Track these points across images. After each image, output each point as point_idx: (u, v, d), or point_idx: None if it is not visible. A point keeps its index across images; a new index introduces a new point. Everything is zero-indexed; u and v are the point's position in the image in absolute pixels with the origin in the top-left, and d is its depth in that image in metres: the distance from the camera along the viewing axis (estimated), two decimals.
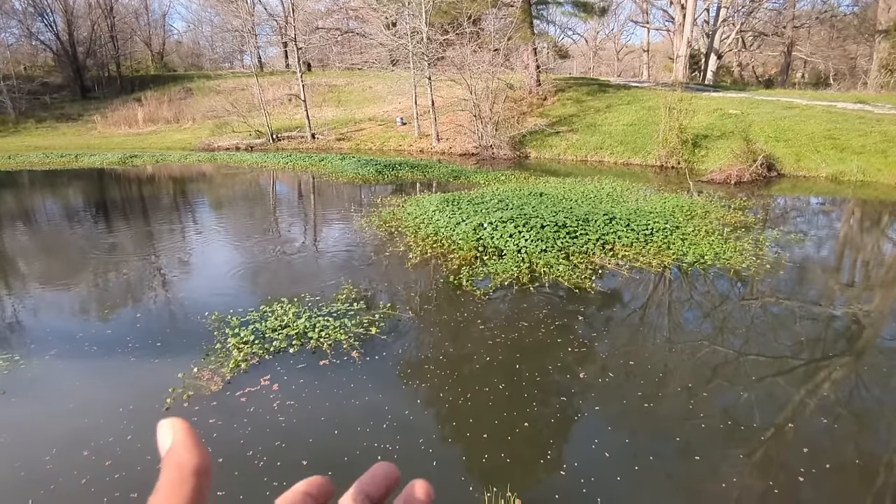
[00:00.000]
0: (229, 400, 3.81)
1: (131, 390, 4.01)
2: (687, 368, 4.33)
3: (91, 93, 35.15)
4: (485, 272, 6.27)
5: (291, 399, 3.82)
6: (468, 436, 3.48)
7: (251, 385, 3.98)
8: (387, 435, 3.43)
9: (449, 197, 9.42)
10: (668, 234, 7.39)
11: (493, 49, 19.61)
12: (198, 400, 3.81)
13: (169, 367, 4.27)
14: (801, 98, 19.66)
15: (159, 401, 3.79)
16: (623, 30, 48.71)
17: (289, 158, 18.01)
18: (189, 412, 3.66)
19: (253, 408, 3.71)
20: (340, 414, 3.67)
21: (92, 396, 3.97)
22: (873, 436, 3.49)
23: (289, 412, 3.67)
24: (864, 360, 4.60)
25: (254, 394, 3.88)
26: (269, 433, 3.44)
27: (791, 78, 34.60)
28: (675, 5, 28.89)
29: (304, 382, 4.04)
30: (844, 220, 10.09)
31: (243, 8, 26.31)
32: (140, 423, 3.56)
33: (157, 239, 8.62)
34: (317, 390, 3.95)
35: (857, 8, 31.80)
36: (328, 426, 3.54)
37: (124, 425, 3.54)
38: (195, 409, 3.70)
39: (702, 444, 3.36)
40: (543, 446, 3.34)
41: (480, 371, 4.24)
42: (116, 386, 4.12)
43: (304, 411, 3.69)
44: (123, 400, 3.84)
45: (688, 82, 23.98)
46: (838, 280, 6.76)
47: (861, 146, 13.88)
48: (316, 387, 4.00)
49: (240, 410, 3.69)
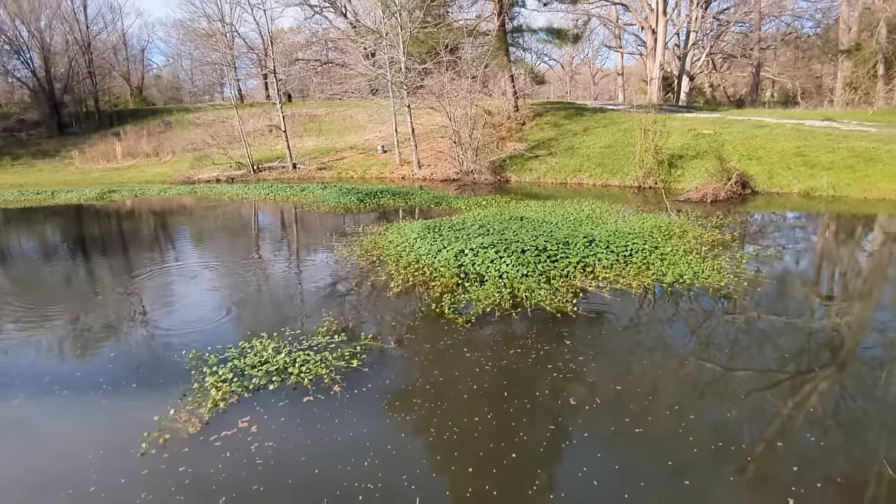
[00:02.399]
0: (206, 443, 3.70)
1: (104, 436, 3.88)
2: (673, 389, 4.32)
3: (69, 129, 34.90)
4: (467, 299, 6.25)
5: (271, 440, 3.72)
6: (453, 469, 3.41)
7: (229, 427, 3.88)
8: (369, 472, 3.35)
9: (430, 224, 9.44)
10: (647, 254, 7.47)
11: (470, 76, 19.97)
12: (175, 444, 3.69)
13: (144, 409, 4.15)
14: (770, 117, 20.26)
15: (134, 446, 3.67)
16: (597, 54, 50.06)
17: (270, 189, 17.97)
18: (164, 458, 3.54)
19: (229, 452, 3.60)
20: (321, 452, 3.58)
21: (61, 444, 3.83)
22: (861, 447, 3.51)
23: (267, 454, 3.57)
24: (847, 370, 4.67)
25: (231, 437, 3.78)
26: (246, 477, 3.34)
27: (761, 97, 35.71)
28: (646, 30, 29.81)
29: (284, 421, 3.95)
30: (819, 235, 10.31)
31: (222, 42, 26.56)
32: (112, 472, 3.44)
33: (134, 274, 8.46)
34: (298, 428, 3.87)
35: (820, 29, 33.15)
36: (308, 466, 3.45)
37: (95, 474, 3.41)
38: (172, 452, 3.59)
39: (692, 466, 3.34)
40: (531, 477, 3.29)
41: (466, 400, 4.19)
42: (88, 432, 3.98)
43: (284, 452, 3.59)
44: (95, 446, 3.71)
45: (662, 104, 24.60)
46: (817, 293, 6.88)
47: (830, 162, 14.28)
48: (297, 425, 3.91)
49: (216, 454, 3.58)
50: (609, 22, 36.60)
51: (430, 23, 22.14)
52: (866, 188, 13.06)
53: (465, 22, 23.99)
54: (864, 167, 13.77)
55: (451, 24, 23.41)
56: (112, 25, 41.01)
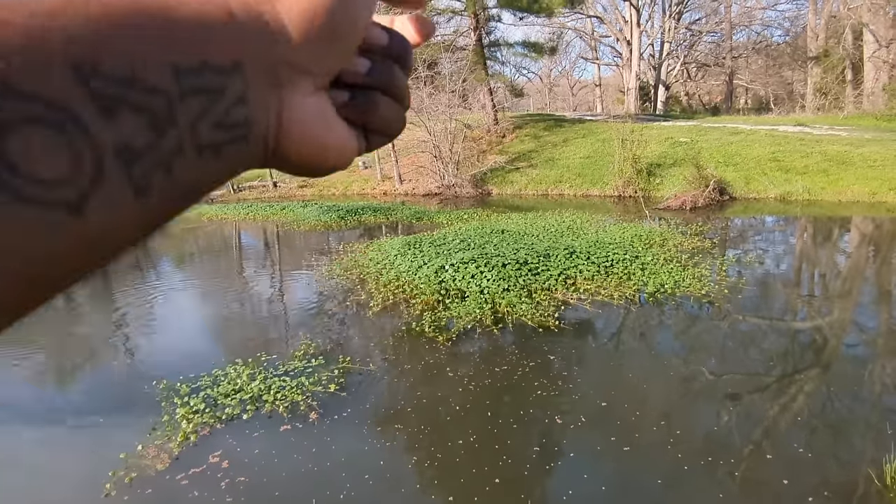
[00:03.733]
0: (174, 482, 3.54)
1: (66, 476, 3.69)
2: (659, 401, 4.26)
3: None
4: (447, 316, 6.15)
5: (243, 474, 3.56)
6: (434, 497, 3.29)
7: (199, 463, 3.71)
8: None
9: (410, 240, 9.35)
10: (628, 264, 7.45)
11: (449, 91, 20.06)
12: (141, 483, 3.52)
13: (111, 445, 3.96)
14: (745, 123, 20.64)
15: (98, 487, 3.49)
16: (575, 66, 50.88)
17: (250, 209, 17.76)
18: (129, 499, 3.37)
19: (197, 491, 3.44)
20: (296, 485, 3.44)
21: (17, 486, 3.63)
22: (848, 446, 3.48)
23: (239, 490, 3.41)
24: (832, 369, 4.69)
25: (200, 474, 3.61)
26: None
27: (735, 104, 36.46)
28: (621, 42, 30.35)
29: (258, 453, 3.79)
30: (797, 238, 10.42)
31: None
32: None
33: (103, 302, 8.23)
34: (273, 460, 3.72)
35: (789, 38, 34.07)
36: (283, 501, 3.30)
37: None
38: (137, 493, 3.42)
39: (683, 482, 3.26)
40: (515, 503, 3.18)
41: (449, 422, 4.08)
42: (49, 472, 3.79)
43: (257, 486, 3.44)
44: (56, 488, 3.52)
45: (639, 113, 24.97)
46: (799, 294, 6.92)
47: (804, 167, 14.53)
48: (272, 456, 3.76)
49: (184, 493, 3.42)
50: (585, 34, 37.22)
51: None
52: (840, 191, 13.29)
53: (442, 37, 24.19)
54: (838, 171, 14.02)
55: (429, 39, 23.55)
56: None
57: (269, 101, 0.25)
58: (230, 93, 0.23)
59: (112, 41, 0.19)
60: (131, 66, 0.20)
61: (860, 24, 23.86)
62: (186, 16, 0.21)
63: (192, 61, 0.21)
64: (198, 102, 0.21)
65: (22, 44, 0.17)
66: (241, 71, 0.23)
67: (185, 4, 0.22)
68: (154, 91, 0.20)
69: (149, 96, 0.20)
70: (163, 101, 0.20)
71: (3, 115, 0.17)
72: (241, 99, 0.23)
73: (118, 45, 0.19)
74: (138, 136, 0.20)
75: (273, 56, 0.24)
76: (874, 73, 23.10)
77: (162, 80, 0.20)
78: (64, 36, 0.18)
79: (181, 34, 0.21)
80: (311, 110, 0.26)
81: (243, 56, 0.23)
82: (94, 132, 0.19)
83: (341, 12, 0.25)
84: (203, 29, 0.22)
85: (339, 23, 0.25)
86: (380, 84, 0.30)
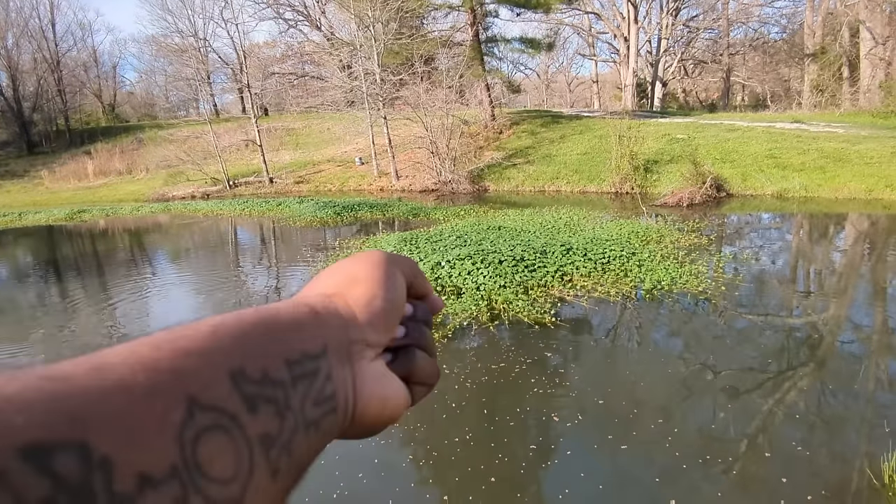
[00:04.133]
0: None
1: None
2: (656, 398, 4.23)
3: (38, 148, 34.16)
4: (444, 313, 6.12)
5: None
6: (428, 497, 3.27)
7: None
8: None
9: (407, 236, 9.31)
10: (624, 261, 7.43)
11: (446, 87, 19.98)
12: None
13: None
14: (742, 120, 20.63)
15: None
16: (572, 63, 50.72)
17: (246, 205, 17.69)
18: None
19: None
20: None
21: None
22: (846, 444, 3.49)
23: None
24: (828, 366, 4.70)
25: None
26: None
27: (732, 101, 36.47)
28: (618, 38, 30.29)
29: None
30: (794, 235, 10.43)
31: (196, 57, 26.27)
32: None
33: (97, 296, 8.18)
34: None
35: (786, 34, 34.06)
36: None
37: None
38: None
39: (681, 480, 3.24)
40: (511, 501, 3.16)
41: (444, 420, 4.05)
42: None
43: None
44: None
45: (636, 110, 24.93)
46: (795, 291, 6.91)
47: (801, 164, 14.53)
48: None
49: None
50: (582, 31, 37.12)
51: (405, 34, 22.18)
52: (837, 188, 13.30)
53: (439, 33, 24.08)
54: (834, 168, 14.03)
55: (426, 35, 23.49)
56: (82, 42, 40.36)
57: (346, 374, 0.30)
58: (322, 373, 0.28)
59: (249, 349, 0.24)
60: (264, 368, 0.24)
61: (857, 22, 23.86)
62: (288, 321, 0.28)
63: (296, 354, 0.27)
64: (303, 386, 0.26)
65: (199, 365, 0.21)
66: (327, 354, 0.29)
67: (284, 311, 0.28)
68: (277, 384, 0.25)
69: (274, 389, 0.24)
70: (282, 391, 0.25)
71: (198, 425, 0.20)
72: (328, 376, 0.28)
73: (254, 352, 0.24)
74: (271, 424, 0.23)
75: (346, 338, 0.31)
76: (871, 70, 23.11)
77: (280, 373, 0.25)
78: (222, 351, 0.23)
79: (288, 335, 0.27)
80: (374, 374, 0.32)
81: (328, 342, 0.29)
82: (247, 429, 0.22)
83: (390, 300, 0.33)
84: (300, 327, 0.28)
85: (389, 307, 0.33)
86: (414, 341, 0.37)
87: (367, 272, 0.34)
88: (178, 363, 0.21)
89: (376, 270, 0.34)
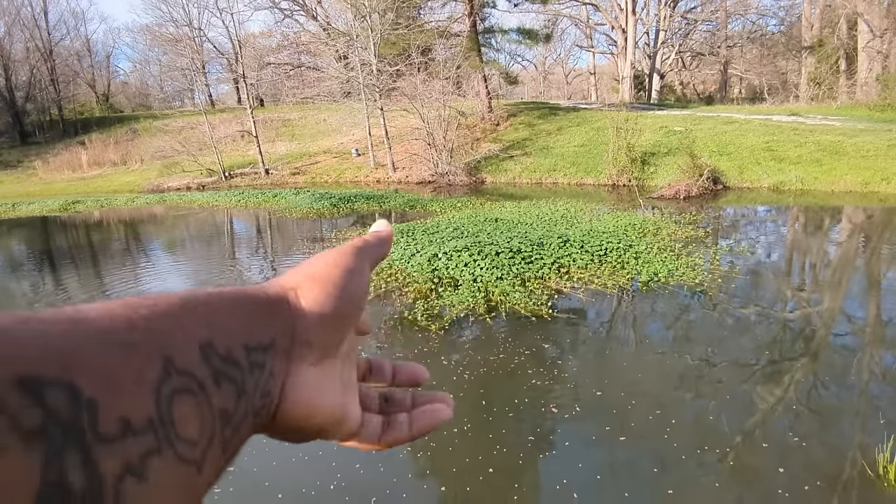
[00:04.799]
0: None
1: None
2: (655, 389, 4.25)
3: (31, 138, 33.88)
4: (440, 304, 6.12)
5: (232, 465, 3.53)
6: (425, 488, 3.28)
7: None
8: (335, 495, 3.19)
9: (403, 228, 9.29)
10: (621, 253, 7.44)
11: (443, 78, 19.87)
12: None
13: None
14: (739, 113, 20.63)
15: None
16: (570, 54, 50.55)
17: (241, 196, 17.60)
18: None
19: None
20: (286, 474, 3.41)
21: None
22: (841, 436, 3.53)
23: (227, 480, 3.38)
24: (823, 358, 4.74)
25: None
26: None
27: (729, 94, 36.42)
28: (616, 30, 30.15)
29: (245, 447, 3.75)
30: (789, 227, 10.46)
31: (190, 47, 26.01)
32: None
33: (91, 285, 8.14)
34: (265, 449, 3.68)
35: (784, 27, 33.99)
36: (272, 490, 3.28)
37: None
38: None
39: (679, 470, 3.25)
40: (509, 491, 3.17)
41: None
42: None
43: (249, 476, 3.41)
44: None
45: (634, 102, 24.88)
46: (790, 283, 6.94)
47: (797, 156, 14.54)
48: (263, 445, 3.72)
49: None
50: (580, 22, 36.91)
51: (402, 24, 22.01)
52: (833, 181, 13.33)
53: (436, 23, 23.93)
54: (831, 160, 14.05)
55: (423, 25, 23.32)
56: (75, 31, 39.93)
57: (281, 371, 0.29)
58: (267, 366, 0.27)
59: (217, 326, 0.25)
60: (228, 347, 0.25)
61: (855, 14, 23.82)
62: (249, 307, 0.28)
63: (253, 341, 0.27)
64: (255, 375, 0.26)
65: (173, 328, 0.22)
66: (274, 348, 0.28)
67: (246, 297, 0.28)
68: (238, 365, 0.25)
69: (236, 369, 0.25)
70: (240, 374, 0.25)
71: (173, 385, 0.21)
72: (271, 372, 0.28)
73: (221, 329, 0.25)
74: (230, 401, 0.24)
75: (290, 336, 0.30)
76: (868, 63, 23.10)
77: (240, 356, 0.25)
78: (193, 322, 0.23)
79: (248, 321, 0.27)
80: (310, 379, 0.30)
81: (276, 335, 0.28)
82: (212, 398, 0.23)
83: (343, 301, 0.31)
84: (257, 316, 0.28)
85: (341, 308, 0.31)
86: None
87: (327, 271, 0.32)
88: (154, 324, 0.21)
89: (335, 269, 0.32)
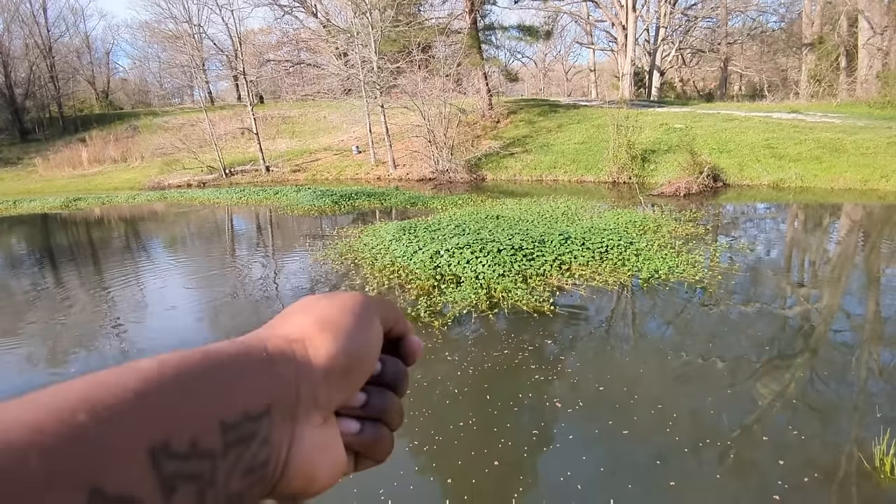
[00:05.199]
0: None
1: None
2: (656, 385, 4.30)
3: (31, 135, 33.86)
4: (443, 301, 6.17)
5: None
6: (432, 480, 3.33)
7: None
8: (343, 489, 3.24)
9: (405, 225, 9.34)
10: (622, 250, 7.49)
11: (444, 75, 19.88)
12: None
13: None
14: (739, 110, 20.64)
15: None
16: (570, 51, 50.48)
17: (242, 193, 17.63)
18: None
19: None
20: None
21: None
22: (839, 430, 3.58)
23: None
24: (822, 354, 4.80)
25: None
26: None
27: (729, 91, 36.42)
28: (616, 27, 30.12)
29: None
30: (789, 225, 10.50)
31: (190, 43, 25.99)
32: None
33: (92, 284, 8.18)
34: None
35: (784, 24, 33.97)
36: None
37: None
38: None
39: (680, 464, 3.31)
40: (513, 485, 3.22)
41: (447, 406, 4.11)
42: None
43: None
44: None
45: (634, 99, 24.90)
46: (789, 280, 6.99)
47: (797, 154, 14.58)
48: None
49: None
50: (580, 18, 36.86)
51: (402, 21, 22.01)
52: (833, 178, 13.37)
53: (436, 20, 23.92)
54: (830, 158, 14.09)
55: (423, 22, 23.32)
56: (74, 28, 39.89)
57: (285, 436, 0.26)
58: (259, 436, 0.24)
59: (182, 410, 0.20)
60: (194, 436, 0.21)
61: (855, 11, 23.80)
62: (236, 369, 0.24)
63: (235, 414, 0.23)
64: (234, 454, 0.22)
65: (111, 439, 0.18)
66: (270, 413, 0.25)
67: (234, 357, 0.24)
68: (205, 455, 0.21)
69: (200, 462, 0.21)
70: (209, 464, 0.21)
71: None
72: (265, 440, 0.24)
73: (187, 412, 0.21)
74: None
75: (295, 395, 0.26)
76: (868, 61, 23.11)
77: (212, 442, 0.21)
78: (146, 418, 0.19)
79: (233, 388, 0.23)
80: (315, 443, 0.28)
81: (273, 400, 0.25)
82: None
83: (355, 356, 0.29)
84: (248, 377, 0.24)
85: (353, 364, 0.29)
86: (373, 413, 0.33)
87: (339, 318, 0.30)
88: (83, 442, 0.17)
89: (348, 317, 0.30)
